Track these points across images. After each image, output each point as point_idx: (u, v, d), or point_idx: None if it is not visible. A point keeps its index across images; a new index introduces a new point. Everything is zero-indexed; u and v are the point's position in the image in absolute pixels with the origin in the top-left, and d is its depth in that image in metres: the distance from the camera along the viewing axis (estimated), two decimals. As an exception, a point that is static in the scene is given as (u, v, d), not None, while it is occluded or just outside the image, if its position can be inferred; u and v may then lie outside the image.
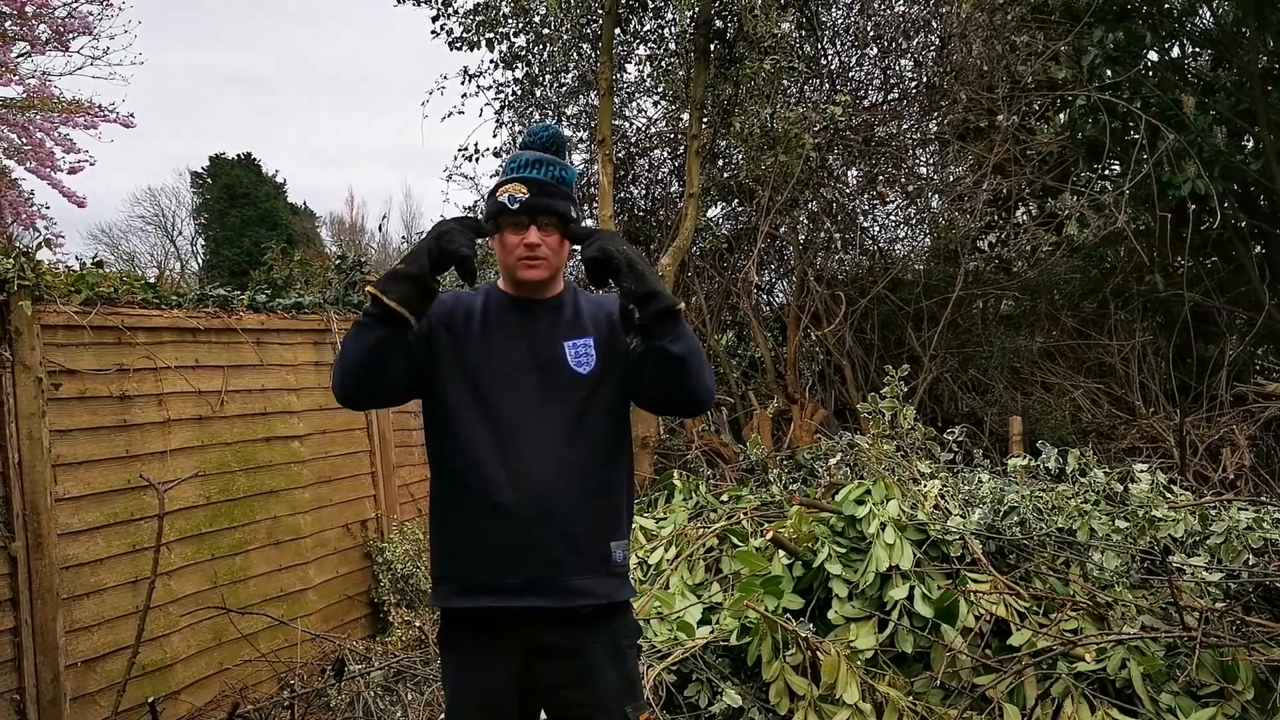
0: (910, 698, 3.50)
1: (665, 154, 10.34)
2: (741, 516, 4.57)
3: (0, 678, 3.40)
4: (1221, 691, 3.41)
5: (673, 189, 10.32)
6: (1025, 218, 9.94)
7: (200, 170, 27.44)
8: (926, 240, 10.39)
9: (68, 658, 3.57)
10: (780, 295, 10.79)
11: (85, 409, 3.85)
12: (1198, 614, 3.67)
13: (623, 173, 10.17)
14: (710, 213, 10.12)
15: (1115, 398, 9.21)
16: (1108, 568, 3.95)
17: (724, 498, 4.93)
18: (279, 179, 27.53)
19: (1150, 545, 3.99)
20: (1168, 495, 4.33)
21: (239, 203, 25.70)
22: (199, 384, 4.36)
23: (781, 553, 4.06)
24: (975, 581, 3.81)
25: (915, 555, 3.85)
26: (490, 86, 10.20)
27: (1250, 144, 8.84)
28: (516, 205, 2.29)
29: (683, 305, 2.25)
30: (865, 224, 10.11)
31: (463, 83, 9.71)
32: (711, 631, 3.84)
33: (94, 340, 3.89)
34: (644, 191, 10.63)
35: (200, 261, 27.56)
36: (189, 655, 4.14)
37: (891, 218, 10.47)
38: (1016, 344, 9.33)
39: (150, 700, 2.73)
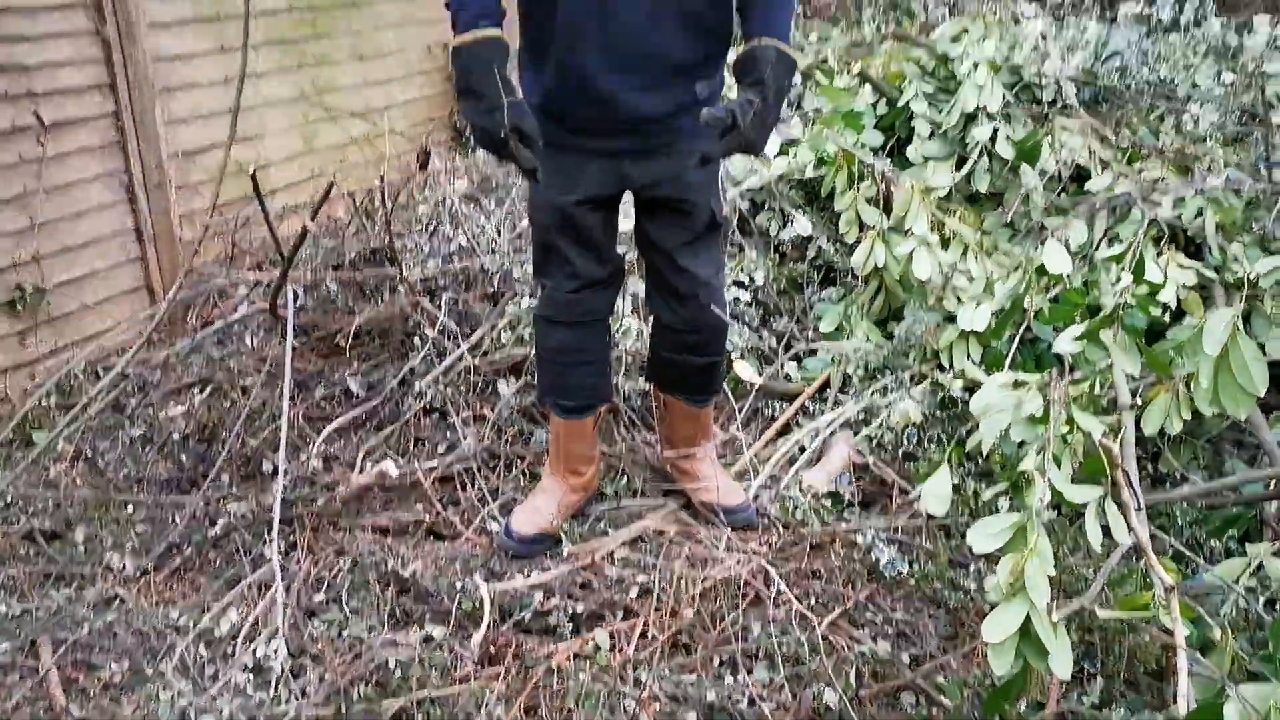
0: (979, 233, 3.57)
1: None
2: (829, 54, 4.44)
3: (108, 160, 3.59)
4: (1293, 245, 3.43)
5: None
6: None
7: None
8: None
9: (169, 146, 3.75)
10: None
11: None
12: (1287, 170, 3.60)
13: None
14: None
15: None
16: (1206, 121, 3.84)
17: (812, 37, 4.77)
18: None
19: (1254, 101, 3.84)
20: (1286, 50, 4.09)
21: None
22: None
23: (867, 88, 3.98)
24: (1064, 125, 3.74)
25: (1005, 97, 3.75)
26: None
27: None
28: None
29: None
30: None
31: None
32: (789, 163, 3.87)
33: None
34: None
35: None
36: (282, 160, 4.31)
37: None
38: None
39: (252, 171, 2.88)
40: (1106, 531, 2.09)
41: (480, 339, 3.25)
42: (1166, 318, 2.94)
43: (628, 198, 2.57)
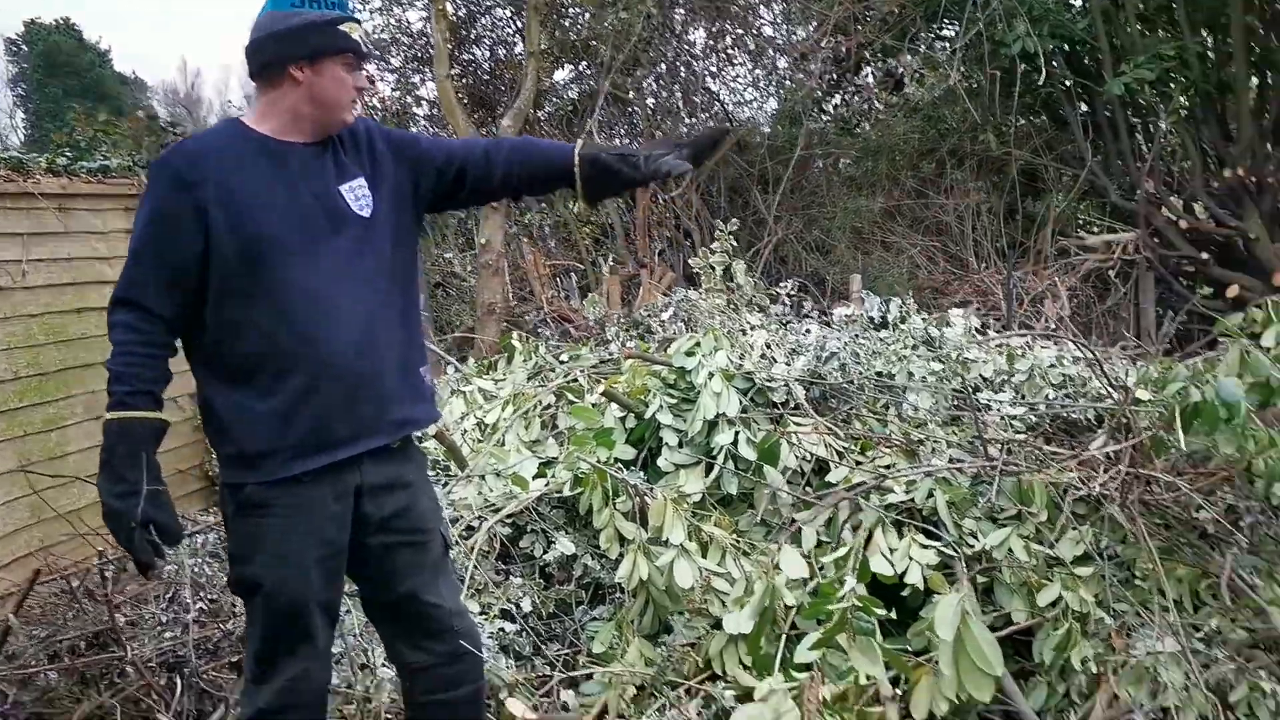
0: (734, 535, 3.65)
1: (508, 12, 10.01)
2: (579, 375, 4.63)
3: None
4: (1019, 514, 3.67)
5: (517, 49, 10.04)
6: (870, 78, 10.08)
7: (14, 37, 25.27)
8: (772, 102, 10.45)
9: None
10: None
11: None
12: (1000, 445, 3.91)
13: (464, 32, 9.82)
14: (556, 75, 9.92)
15: (950, 254, 9.58)
16: (922, 407, 4.16)
17: (563, 358, 4.98)
18: (102, 46, 25.66)
19: (961, 385, 4.21)
20: (979, 337, 4.56)
21: (59, 71, 23.85)
22: (-5, 254, 4.12)
23: (614, 406, 4.13)
24: (797, 424, 3.96)
25: (741, 403, 3.97)
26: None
27: (1078, 1, 9.08)
28: (360, 48, 2.32)
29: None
30: (713, 87, 10.08)
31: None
32: (546, 484, 3.91)
33: None
34: (487, 53, 10.31)
35: (21, 137, 25.65)
36: (6, 534, 4.01)
37: (738, 80, 10.47)
38: (858, 204, 9.56)
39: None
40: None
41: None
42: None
43: None
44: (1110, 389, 3.70)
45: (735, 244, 4.78)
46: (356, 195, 2.33)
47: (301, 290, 2.23)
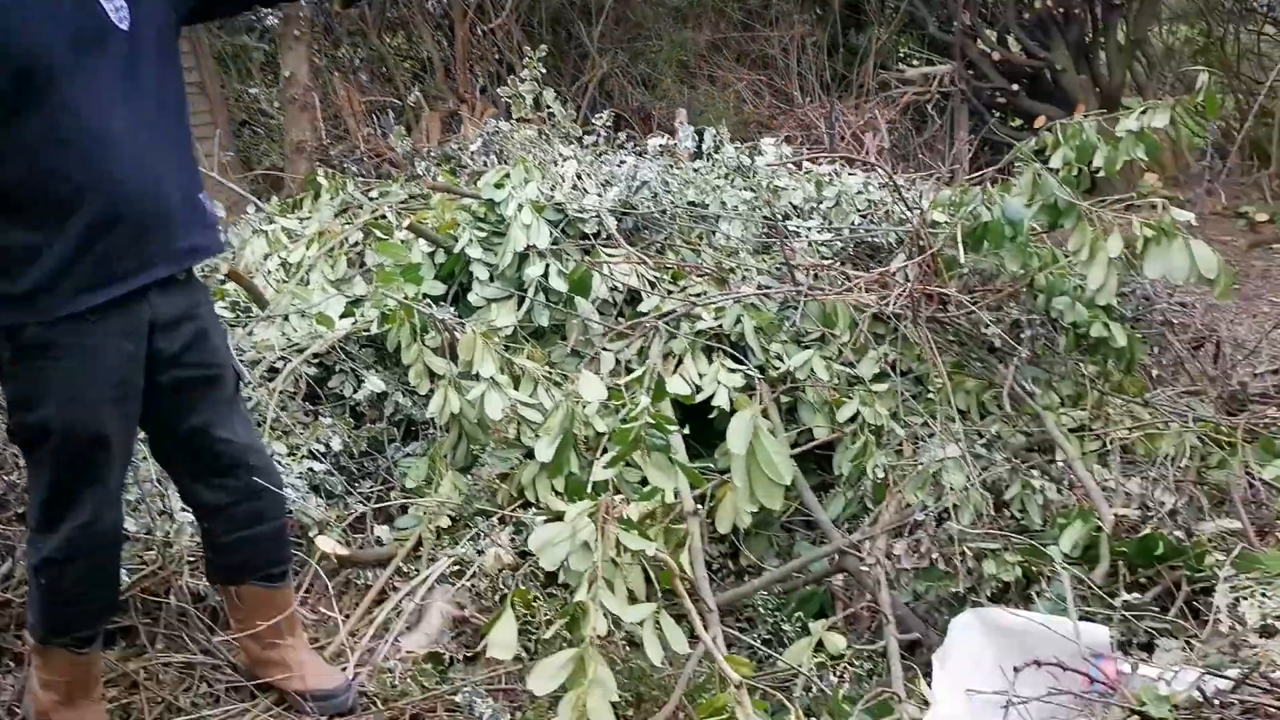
0: (547, 367, 3.66)
1: None
2: (387, 211, 4.47)
3: None
4: (823, 337, 3.79)
5: None
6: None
7: None
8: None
9: None
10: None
11: None
12: (806, 271, 4.01)
13: None
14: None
15: (776, 89, 9.58)
16: (734, 236, 4.20)
17: (373, 194, 4.78)
18: None
19: (772, 213, 4.26)
20: (791, 167, 4.60)
21: None
22: None
23: (422, 241, 4.02)
24: (609, 255, 3.95)
25: (552, 235, 3.91)
26: None
27: None
28: None
29: None
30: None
31: None
32: (354, 323, 3.81)
33: None
34: None
35: None
36: None
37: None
38: (684, 37, 9.40)
39: None
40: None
41: None
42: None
43: None
44: (908, 212, 3.81)
45: (544, 72, 4.62)
46: (115, 5, 2.15)
47: (75, 113, 2.08)
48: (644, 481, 2.72)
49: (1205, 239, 3.64)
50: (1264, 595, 2.58)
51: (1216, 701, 1.59)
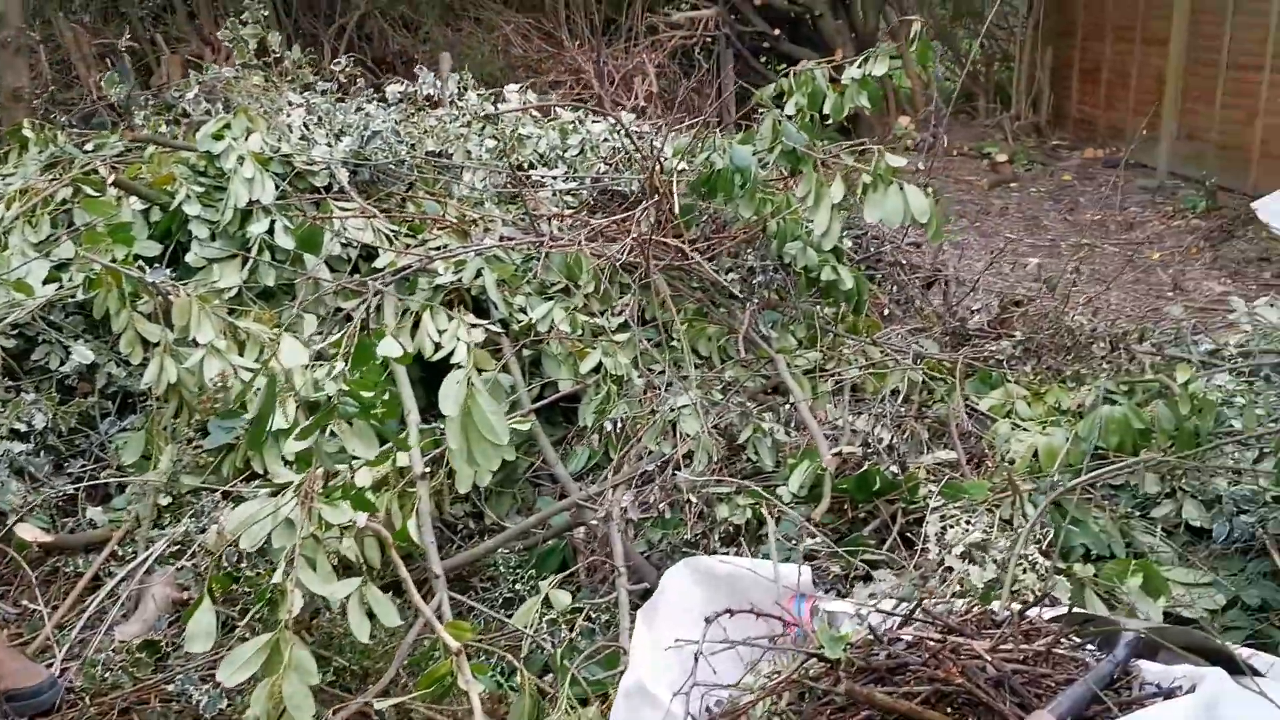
0: (276, 329, 3.46)
1: None
2: (99, 165, 4.10)
3: None
4: (566, 288, 3.75)
5: None
6: None
7: None
8: None
9: None
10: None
11: None
12: (550, 220, 3.94)
13: None
14: None
15: (545, 32, 9.43)
16: (477, 186, 4.09)
17: (88, 146, 4.39)
18: None
19: (517, 162, 4.17)
20: (536, 115, 4.51)
21: None
22: None
23: (135, 198, 3.72)
24: (341, 210, 3.77)
25: (279, 188, 3.70)
26: None
27: None
28: None
29: None
30: None
31: None
32: (59, 289, 3.50)
33: None
34: None
35: None
36: None
37: None
38: (447, -24, 9.11)
39: None
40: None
41: None
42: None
43: None
44: (645, 160, 3.80)
45: (268, 14, 4.34)
46: None
47: None
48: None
49: (932, 181, 3.80)
50: (968, 522, 2.73)
51: (885, 639, 1.65)
